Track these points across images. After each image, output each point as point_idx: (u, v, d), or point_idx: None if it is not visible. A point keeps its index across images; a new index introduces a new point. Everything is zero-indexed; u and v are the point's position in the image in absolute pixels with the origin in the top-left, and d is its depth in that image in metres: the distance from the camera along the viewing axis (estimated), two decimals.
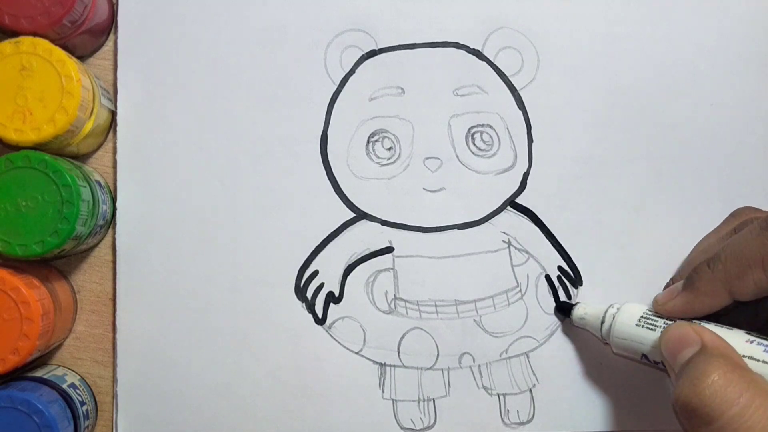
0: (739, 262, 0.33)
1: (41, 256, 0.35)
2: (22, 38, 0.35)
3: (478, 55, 0.41)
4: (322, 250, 0.40)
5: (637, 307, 0.37)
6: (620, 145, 0.41)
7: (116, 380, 0.39)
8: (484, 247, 0.40)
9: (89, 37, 0.39)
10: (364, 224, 0.40)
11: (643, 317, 0.36)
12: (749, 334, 0.33)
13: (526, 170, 0.41)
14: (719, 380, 0.28)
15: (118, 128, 0.40)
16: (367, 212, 0.40)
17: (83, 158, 0.40)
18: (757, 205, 0.40)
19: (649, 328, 0.35)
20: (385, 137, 0.41)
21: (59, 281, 0.39)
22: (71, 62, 0.36)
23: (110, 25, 0.41)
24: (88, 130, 0.37)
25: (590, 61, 0.41)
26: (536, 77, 0.41)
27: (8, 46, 0.35)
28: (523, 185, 0.41)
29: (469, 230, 0.40)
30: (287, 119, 0.40)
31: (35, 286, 0.36)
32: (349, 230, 0.40)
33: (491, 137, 0.41)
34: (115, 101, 0.40)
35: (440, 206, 0.40)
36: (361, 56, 0.41)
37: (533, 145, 0.41)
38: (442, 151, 0.41)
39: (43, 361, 0.40)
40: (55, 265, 0.40)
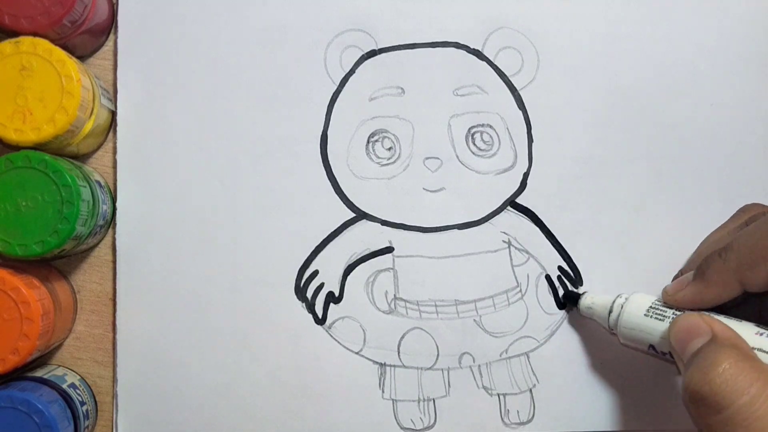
0: (752, 252, 0.33)
1: (41, 256, 0.35)
2: (22, 38, 0.35)
3: (478, 55, 0.41)
4: (322, 250, 0.40)
5: (645, 297, 0.36)
6: (620, 145, 0.41)
7: (116, 380, 0.39)
8: (484, 247, 0.40)
9: (89, 37, 0.39)
10: (364, 224, 0.40)
11: (651, 307, 0.36)
12: (759, 326, 0.32)
13: (526, 170, 0.41)
14: (730, 369, 0.28)
15: (118, 128, 0.40)
16: (367, 212, 0.40)
17: (83, 158, 0.40)
18: None
19: (657, 318, 0.35)
20: (385, 137, 0.41)
21: (59, 281, 0.39)
22: (71, 62, 0.36)
23: (110, 25, 0.40)
24: (88, 130, 0.37)
25: (590, 61, 0.41)
26: (536, 77, 0.41)
27: (8, 46, 0.35)
28: (523, 185, 0.41)
29: (469, 230, 0.40)
30: (287, 119, 0.40)
31: (35, 286, 0.36)
32: (349, 230, 0.40)
33: (491, 137, 0.41)
34: (115, 101, 0.40)
35: (440, 206, 0.40)
36: (361, 56, 0.41)
37: (533, 145, 0.41)
38: (442, 151, 0.41)
39: (43, 361, 0.40)
40: (55, 265, 0.40)
